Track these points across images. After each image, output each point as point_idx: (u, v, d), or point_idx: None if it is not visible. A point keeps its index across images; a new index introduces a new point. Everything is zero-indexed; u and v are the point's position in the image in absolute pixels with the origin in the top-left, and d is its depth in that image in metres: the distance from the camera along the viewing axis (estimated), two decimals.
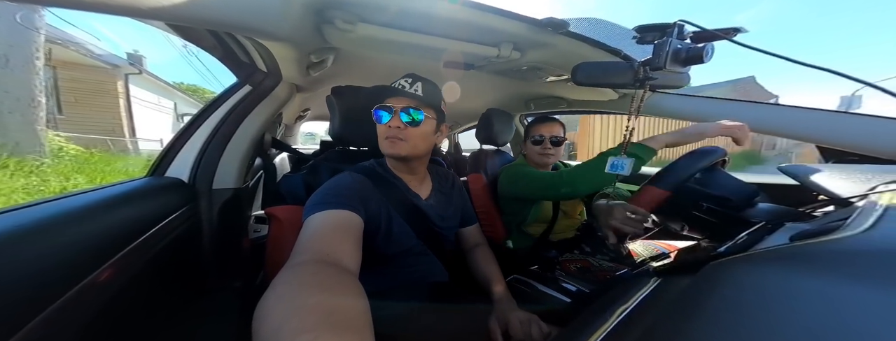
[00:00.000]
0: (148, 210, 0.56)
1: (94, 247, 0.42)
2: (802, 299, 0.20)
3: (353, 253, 0.43)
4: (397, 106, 0.59)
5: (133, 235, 0.50)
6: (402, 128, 0.59)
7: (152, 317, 0.58)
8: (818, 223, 0.38)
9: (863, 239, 0.26)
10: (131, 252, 0.48)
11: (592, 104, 1.24)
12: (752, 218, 0.55)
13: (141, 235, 0.51)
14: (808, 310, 0.19)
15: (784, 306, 0.20)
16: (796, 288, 0.22)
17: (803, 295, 0.21)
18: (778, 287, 0.23)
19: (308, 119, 2.23)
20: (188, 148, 0.77)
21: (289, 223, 0.68)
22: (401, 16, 0.61)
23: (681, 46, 0.54)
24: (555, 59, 0.83)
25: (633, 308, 0.34)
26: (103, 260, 0.43)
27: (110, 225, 0.46)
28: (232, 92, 0.83)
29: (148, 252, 0.53)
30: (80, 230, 0.41)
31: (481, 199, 1.05)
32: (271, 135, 1.05)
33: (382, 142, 0.61)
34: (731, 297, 0.24)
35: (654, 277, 0.42)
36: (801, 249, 0.29)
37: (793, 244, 0.31)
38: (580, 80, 0.62)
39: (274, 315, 0.27)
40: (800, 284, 0.22)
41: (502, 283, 0.67)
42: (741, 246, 0.36)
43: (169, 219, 0.60)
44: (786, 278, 0.23)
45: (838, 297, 0.20)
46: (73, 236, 0.39)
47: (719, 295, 0.24)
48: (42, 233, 0.36)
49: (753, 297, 0.22)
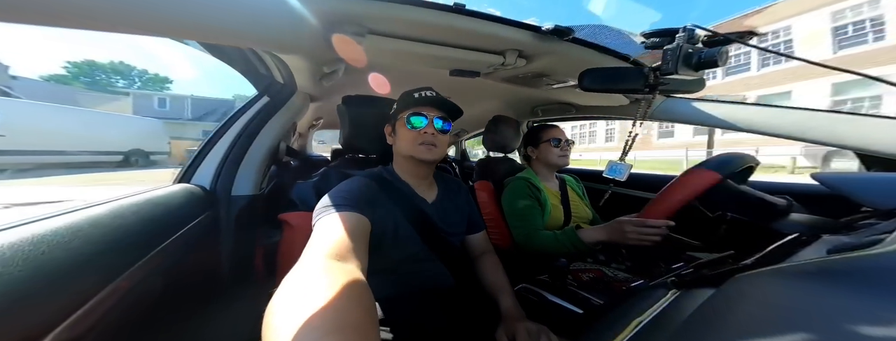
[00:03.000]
0: (172, 216, 0.59)
1: (122, 252, 0.44)
2: (840, 318, 0.18)
3: (361, 255, 0.44)
4: (431, 114, 0.63)
5: (158, 240, 0.52)
6: (437, 135, 0.63)
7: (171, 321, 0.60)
8: (859, 236, 0.35)
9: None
10: (155, 256, 0.50)
11: (602, 110, 1.22)
12: (784, 229, 0.52)
13: (165, 240, 0.54)
14: (847, 331, 0.17)
15: (819, 325, 0.18)
16: (834, 306, 0.19)
17: (842, 313, 0.19)
18: (812, 303, 0.21)
19: (320, 128, 2.30)
20: (212, 156, 0.81)
21: (300, 229, 0.70)
22: (408, 27, 0.63)
23: (692, 51, 0.53)
24: (561, 65, 0.83)
25: (649, 321, 0.33)
26: (129, 265, 0.45)
27: (138, 230, 0.49)
28: (252, 103, 0.88)
29: (170, 256, 0.55)
30: (110, 235, 0.43)
31: (488, 206, 1.05)
32: (286, 143, 1.09)
33: (416, 147, 0.63)
34: (758, 314, 0.22)
35: (672, 289, 0.40)
36: (840, 264, 0.26)
37: (830, 258, 0.28)
38: (587, 85, 0.62)
39: (283, 315, 0.28)
40: (837, 302, 0.20)
41: (510, 293, 0.65)
42: (771, 258, 0.34)
43: (190, 225, 0.63)
44: (822, 294, 0.21)
45: (881, 317, 0.18)
46: (103, 241, 0.41)
47: (744, 311, 0.23)
48: (75, 237, 0.38)
49: (784, 314, 0.21)
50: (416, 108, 0.64)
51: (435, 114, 0.64)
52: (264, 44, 0.55)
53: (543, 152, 1.06)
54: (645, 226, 0.73)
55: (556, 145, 1.04)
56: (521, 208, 0.97)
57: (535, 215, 0.96)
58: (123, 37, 29.11)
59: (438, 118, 0.64)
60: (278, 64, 0.76)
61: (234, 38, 0.45)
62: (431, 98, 0.64)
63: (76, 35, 20.62)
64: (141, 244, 0.49)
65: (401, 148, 0.66)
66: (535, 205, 0.97)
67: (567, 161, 1.07)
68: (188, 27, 0.35)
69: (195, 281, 0.70)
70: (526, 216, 0.96)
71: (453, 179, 0.81)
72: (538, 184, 1.01)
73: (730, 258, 0.51)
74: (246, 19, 0.41)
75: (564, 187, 1.09)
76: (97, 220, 0.42)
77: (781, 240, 0.39)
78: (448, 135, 0.66)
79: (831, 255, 0.29)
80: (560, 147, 1.05)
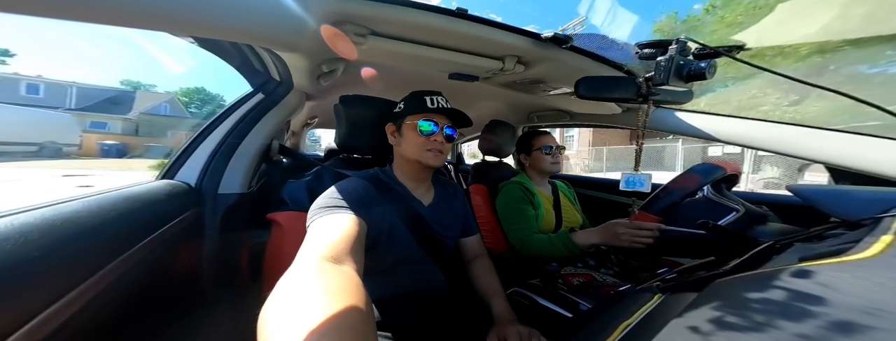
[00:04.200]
0: (153, 212, 0.57)
1: (97, 249, 0.43)
2: (809, 319, 0.20)
3: (358, 257, 0.44)
4: (442, 122, 0.65)
5: (137, 237, 0.51)
6: (444, 143, 0.65)
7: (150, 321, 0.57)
8: (828, 244, 0.37)
9: (875, 262, 0.26)
10: (133, 254, 0.48)
11: (596, 118, 1.25)
12: (761, 237, 0.54)
13: (145, 238, 0.52)
14: (817, 331, 0.19)
15: (790, 326, 0.20)
16: (803, 309, 0.21)
17: (810, 315, 0.20)
18: (785, 306, 0.22)
19: (315, 126, 2.28)
20: (200, 152, 0.78)
21: (290, 229, 0.69)
22: (410, 29, 0.63)
23: (683, 63, 0.55)
24: (559, 72, 0.84)
25: (636, 324, 0.33)
26: (105, 263, 0.43)
27: (115, 226, 0.47)
28: (245, 100, 0.86)
29: (150, 254, 0.53)
30: (87, 231, 0.41)
31: (482, 210, 1.05)
32: (279, 141, 1.08)
33: (424, 153, 0.64)
34: (736, 316, 0.23)
35: (658, 294, 0.41)
36: (810, 270, 0.28)
37: (802, 265, 0.30)
38: (583, 93, 0.63)
39: (279, 318, 0.27)
40: (806, 304, 0.22)
41: (502, 296, 0.65)
42: (748, 264, 0.35)
43: (172, 223, 0.61)
44: (792, 298, 0.23)
45: (848, 320, 0.19)
46: (79, 237, 0.40)
47: (724, 314, 0.24)
48: (49, 232, 0.36)
49: (760, 316, 0.22)
50: (428, 115, 0.64)
51: (445, 123, 0.65)
52: (266, 41, 0.54)
53: (536, 160, 1.08)
54: (637, 229, 0.75)
55: (548, 153, 1.06)
56: (516, 212, 0.98)
57: (530, 219, 0.97)
58: None
59: (448, 126, 0.65)
60: (276, 61, 0.75)
61: (236, 34, 0.45)
62: (445, 109, 0.65)
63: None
64: (118, 240, 0.47)
65: (406, 151, 0.66)
66: (530, 209, 0.98)
67: (559, 168, 1.09)
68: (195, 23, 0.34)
69: (176, 280, 0.68)
70: (520, 219, 0.97)
71: (450, 182, 0.81)
72: (532, 188, 1.03)
73: (710, 264, 0.54)
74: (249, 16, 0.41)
75: (556, 192, 1.11)
76: (73, 216, 0.40)
77: (758, 247, 0.41)
78: (453, 141, 0.68)
79: (802, 262, 0.30)
80: (551, 154, 1.07)
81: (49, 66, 65.10)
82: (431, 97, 0.66)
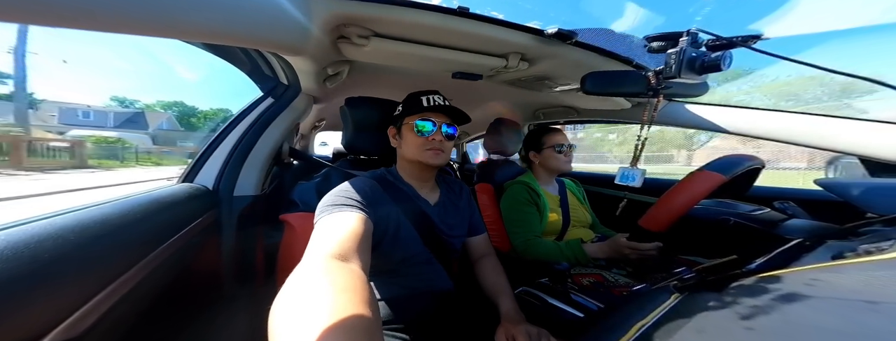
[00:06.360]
0: (175, 215, 0.59)
1: (128, 248, 0.45)
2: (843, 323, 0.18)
3: (364, 254, 0.44)
4: (440, 120, 0.64)
5: (162, 237, 0.53)
6: (444, 141, 0.64)
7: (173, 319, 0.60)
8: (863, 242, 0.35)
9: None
10: (159, 254, 0.51)
11: (604, 114, 1.22)
12: (788, 234, 0.51)
13: (169, 238, 0.54)
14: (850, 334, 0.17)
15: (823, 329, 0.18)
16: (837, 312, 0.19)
17: (845, 319, 0.19)
18: (816, 309, 0.20)
19: (323, 129, 2.32)
20: (216, 156, 0.81)
21: (301, 230, 0.70)
22: (412, 29, 0.64)
23: (696, 55, 0.53)
24: (564, 69, 0.83)
25: (651, 325, 0.32)
26: (136, 261, 0.45)
27: (143, 227, 0.49)
28: (256, 104, 0.89)
29: (175, 254, 0.56)
30: (117, 232, 0.43)
31: (488, 209, 1.04)
32: (289, 144, 1.10)
33: (424, 153, 0.63)
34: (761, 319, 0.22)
35: (675, 294, 0.40)
36: (844, 270, 0.26)
37: (834, 263, 0.28)
38: (589, 89, 0.62)
39: (287, 316, 0.28)
40: (840, 307, 0.20)
41: (510, 296, 0.65)
42: (775, 263, 0.33)
43: (193, 224, 0.63)
44: (825, 300, 0.21)
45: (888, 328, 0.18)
46: (111, 237, 0.42)
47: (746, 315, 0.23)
48: (83, 233, 0.38)
49: (787, 319, 0.20)
50: (424, 114, 0.64)
51: (443, 121, 0.64)
52: (272, 46, 0.55)
53: (547, 158, 1.04)
54: (637, 250, 0.75)
55: (560, 151, 1.02)
56: (520, 214, 0.97)
57: (533, 221, 0.95)
58: None
59: (446, 124, 0.64)
60: (283, 65, 0.77)
61: (243, 40, 0.46)
62: (441, 106, 0.64)
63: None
64: (145, 240, 0.49)
65: (407, 152, 0.66)
66: (534, 211, 0.96)
67: (571, 167, 1.06)
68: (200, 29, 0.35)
69: (197, 278, 0.70)
70: (523, 222, 0.95)
71: (456, 181, 0.81)
72: (537, 188, 1.00)
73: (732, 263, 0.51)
74: (255, 22, 0.42)
75: (564, 191, 1.08)
76: (104, 219, 0.43)
77: (785, 245, 0.38)
78: (454, 140, 0.67)
79: (835, 261, 0.28)
80: (564, 153, 1.03)
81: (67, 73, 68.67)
82: (428, 96, 0.65)
